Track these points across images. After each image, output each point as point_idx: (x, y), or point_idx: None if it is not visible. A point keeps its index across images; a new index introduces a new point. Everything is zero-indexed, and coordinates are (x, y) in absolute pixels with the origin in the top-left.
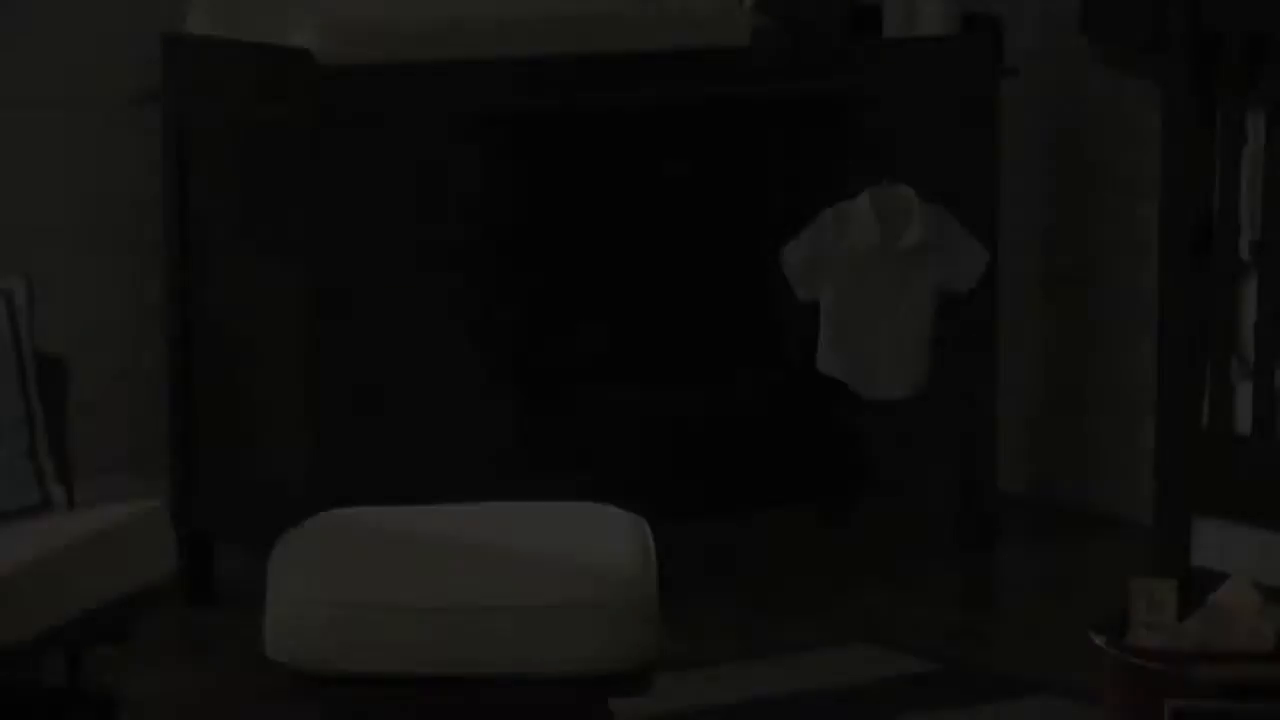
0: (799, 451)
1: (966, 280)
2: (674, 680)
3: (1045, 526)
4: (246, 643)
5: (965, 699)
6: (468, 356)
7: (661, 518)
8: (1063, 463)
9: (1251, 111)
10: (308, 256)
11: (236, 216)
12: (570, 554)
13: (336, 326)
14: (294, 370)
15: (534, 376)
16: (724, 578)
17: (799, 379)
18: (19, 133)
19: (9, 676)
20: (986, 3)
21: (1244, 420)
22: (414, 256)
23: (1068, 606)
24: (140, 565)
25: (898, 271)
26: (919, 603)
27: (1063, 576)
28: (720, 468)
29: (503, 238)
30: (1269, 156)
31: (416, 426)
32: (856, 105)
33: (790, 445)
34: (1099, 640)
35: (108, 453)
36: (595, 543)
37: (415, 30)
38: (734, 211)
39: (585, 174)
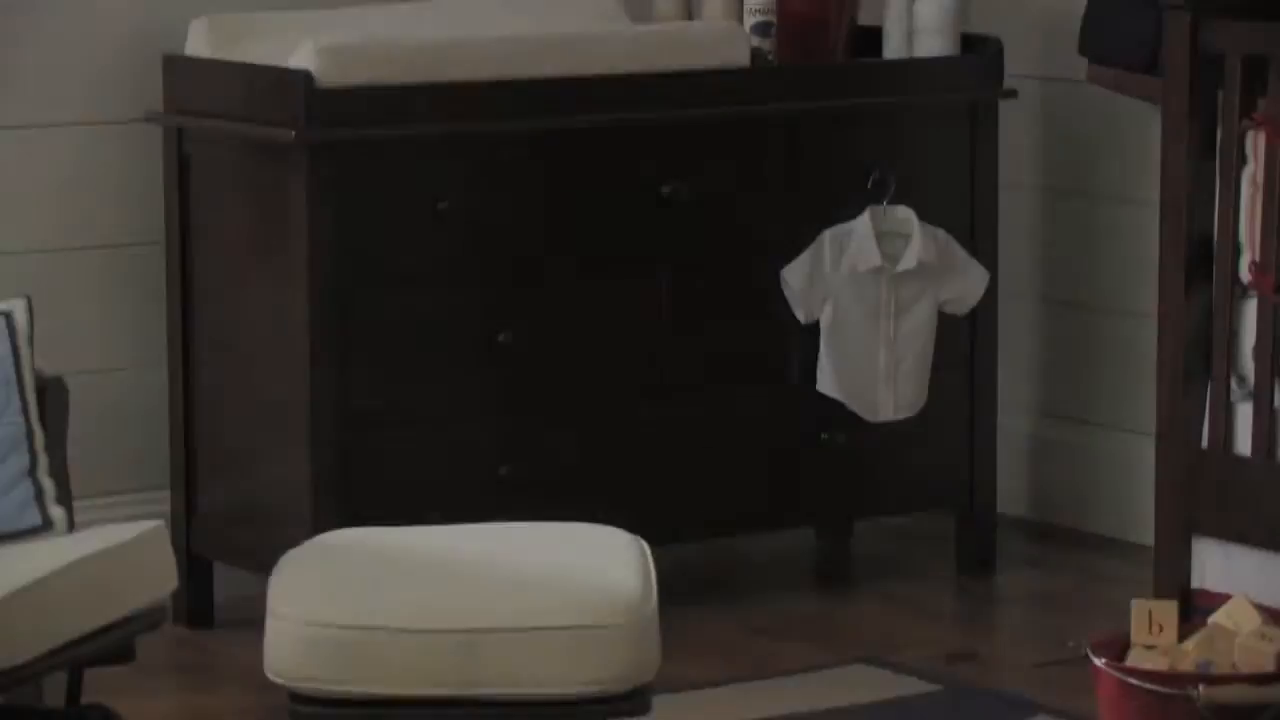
0: (798, 472)
1: (967, 302)
2: (673, 701)
3: (1045, 548)
4: (246, 664)
5: None
6: (467, 376)
7: (661, 538)
8: (1062, 484)
9: (1251, 132)
10: (307, 278)
11: (237, 238)
12: (569, 575)
13: (336, 347)
14: (294, 391)
15: (533, 396)
16: (723, 598)
17: (799, 400)
18: (18, 153)
19: (10, 698)
20: (986, 24)
21: (1243, 441)
22: (413, 277)
23: (1067, 628)
24: (141, 587)
25: (897, 293)
26: (918, 624)
27: (1062, 598)
28: (720, 488)
29: (501, 258)
30: (1268, 178)
31: (416, 447)
32: (856, 126)
33: (790, 466)
34: (1099, 661)
35: (108, 474)
36: (594, 563)
37: (415, 52)
38: (733, 232)
39: (584, 195)
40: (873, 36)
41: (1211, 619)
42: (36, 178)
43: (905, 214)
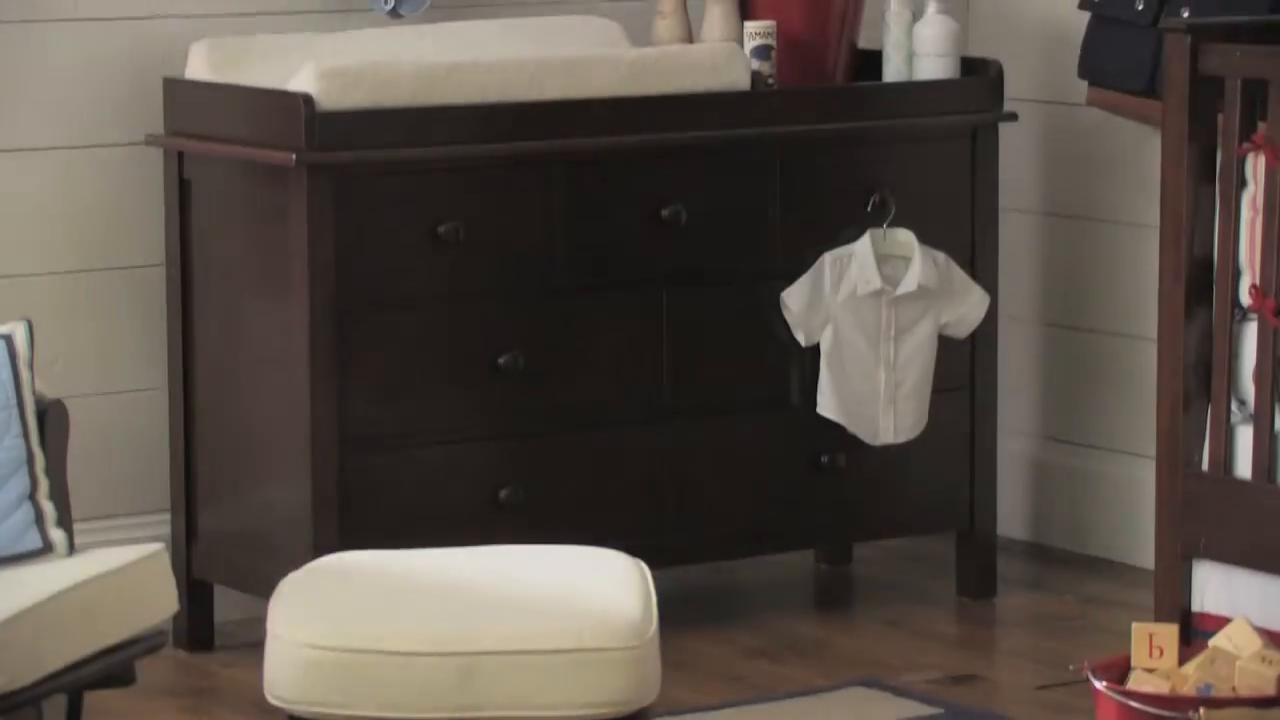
0: (799, 495)
1: (967, 324)
2: None
3: (1045, 571)
4: (246, 687)
5: None
6: (467, 399)
7: (661, 561)
8: (1063, 507)
9: (1251, 155)
10: (308, 301)
11: (238, 261)
12: (570, 598)
13: (336, 370)
14: (294, 414)
15: (534, 419)
16: (723, 621)
17: (799, 423)
18: (19, 177)
19: None
20: (986, 47)
21: (1244, 465)
22: (414, 300)
23: (1068, 651)
24: (141, 610)
25: (898, 316)
26: (919, 647)
27: (1063, 621)
28: (720, 511)
29: (502, 281)
30: (1268, 201)
31: (416, 470)
32: (857, 150)
33: (790, 489)
34: (1100, 685)
35: (108, 497)
36: (595, 587)
37: (416, 75)
38: (734, 255)
39: (584, 217)
40: (873, 60)
41: (1212, 642)
42: (37, 201)
43: (905, 237)
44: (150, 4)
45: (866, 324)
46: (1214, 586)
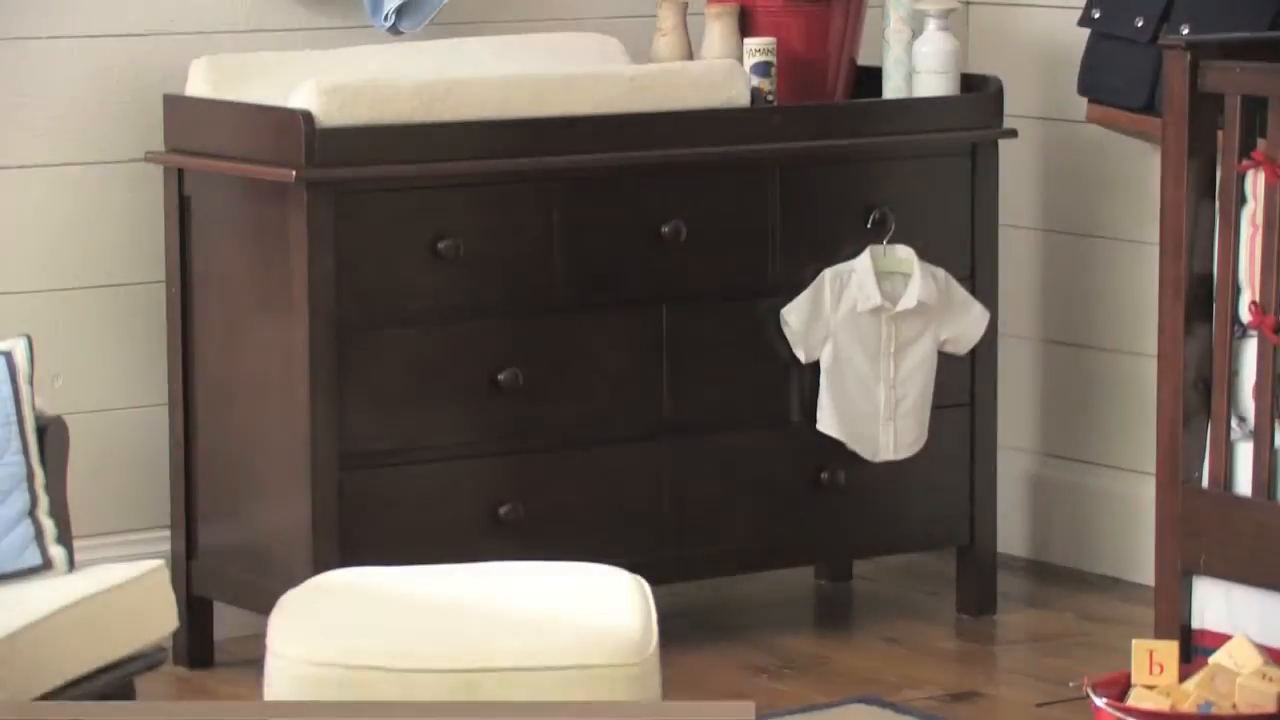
0: (799, 512)
1: (967, 341)
2: None
3: (1045, 588)
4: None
5: None
6: (466, 416)
7: (661, 578)
8: (1063, 524)
9: (1251, 172)
10: (308, 317)
11: (237, 278)
12: (570, 615)
13: (336, 386)
14: (294, 430)
15: (533, 435)
16: (723, 638)
17: (799, 439)
18: (19, 193)
19: None
20: (986, 64)
21: (1244, 481)
22: (413, 317)
23: (1068, 668)
24: (141, 627)
25: (898, 332)
26: (919, 664)
27: (1063, 638)
28: (720, 527)
29: (501, 297)
30: (1268, 217)
31: (416, 486)
32: (857, 166)
33: (790, 505)
34: (1100, 702)
35: (108, 514)
36: (595, 603)
37: (415, 92)
38: (733, 271)
39: (584, 234)
40: (873, 76)
41: (1212, 659)
42: (37, 217)
43: (905, 253)
44: (150, 21)
45: (866, 340)
46: (1214, 603)
